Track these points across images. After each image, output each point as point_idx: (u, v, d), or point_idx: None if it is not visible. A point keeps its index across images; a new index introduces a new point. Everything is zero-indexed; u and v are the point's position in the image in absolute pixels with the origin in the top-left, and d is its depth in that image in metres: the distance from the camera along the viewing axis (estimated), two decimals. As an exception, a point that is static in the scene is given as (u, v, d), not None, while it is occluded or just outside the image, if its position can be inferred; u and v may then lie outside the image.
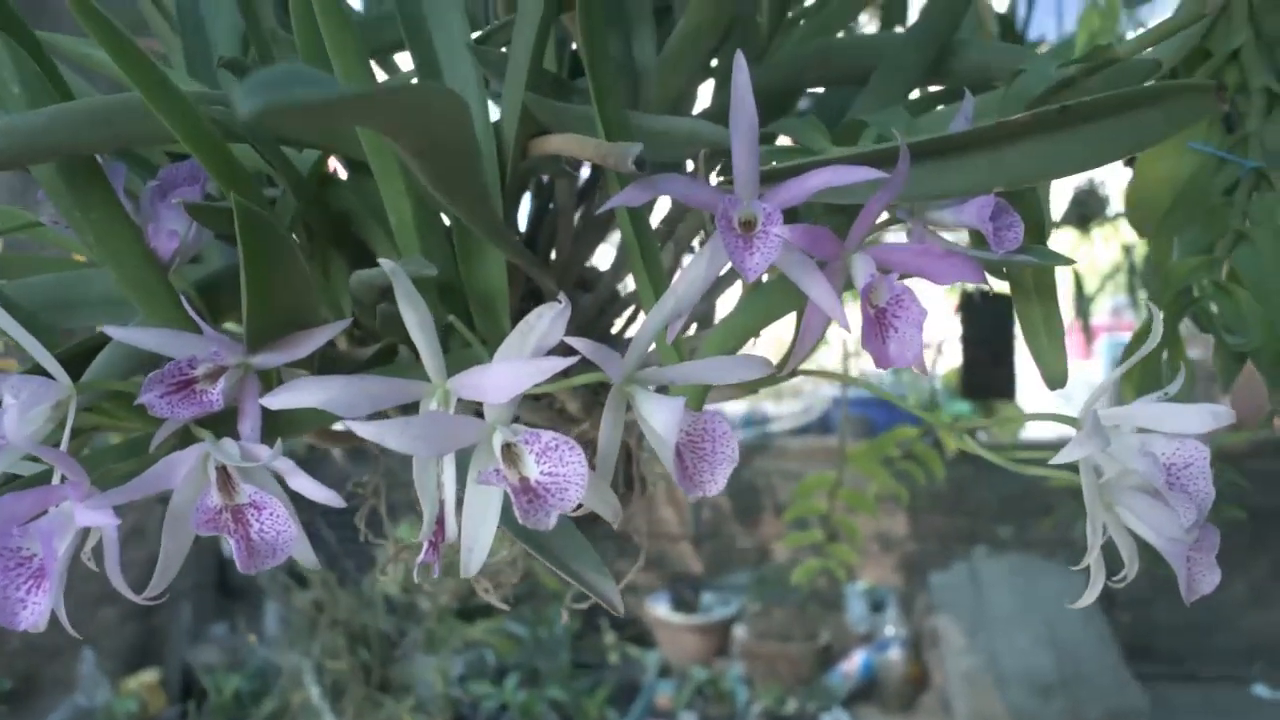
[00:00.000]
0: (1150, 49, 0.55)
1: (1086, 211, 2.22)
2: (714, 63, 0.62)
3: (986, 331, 2.10)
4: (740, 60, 0.36)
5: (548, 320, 0.32)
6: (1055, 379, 0.46)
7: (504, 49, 0.49)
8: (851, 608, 3.38)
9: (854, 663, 3.19)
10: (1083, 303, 2.23)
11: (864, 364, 4.53)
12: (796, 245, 0.35)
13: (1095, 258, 2.49)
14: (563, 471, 0.31)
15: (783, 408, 4.00)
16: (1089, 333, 2.40)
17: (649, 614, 3.56)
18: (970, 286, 2.44)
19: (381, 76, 0.58)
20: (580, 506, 0.69)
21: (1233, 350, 0.50)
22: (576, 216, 0.60)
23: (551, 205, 0.59)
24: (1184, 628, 3.35)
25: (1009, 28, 1.55)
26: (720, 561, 3.71)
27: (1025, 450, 0.74)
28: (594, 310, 0.58)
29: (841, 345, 2.16)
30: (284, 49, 0.51)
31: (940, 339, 2.76)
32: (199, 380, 0.39)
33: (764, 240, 0.34)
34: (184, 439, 0.40)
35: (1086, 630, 2.77)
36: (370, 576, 2.33)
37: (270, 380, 0.42)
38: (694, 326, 0.63)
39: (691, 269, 0.35)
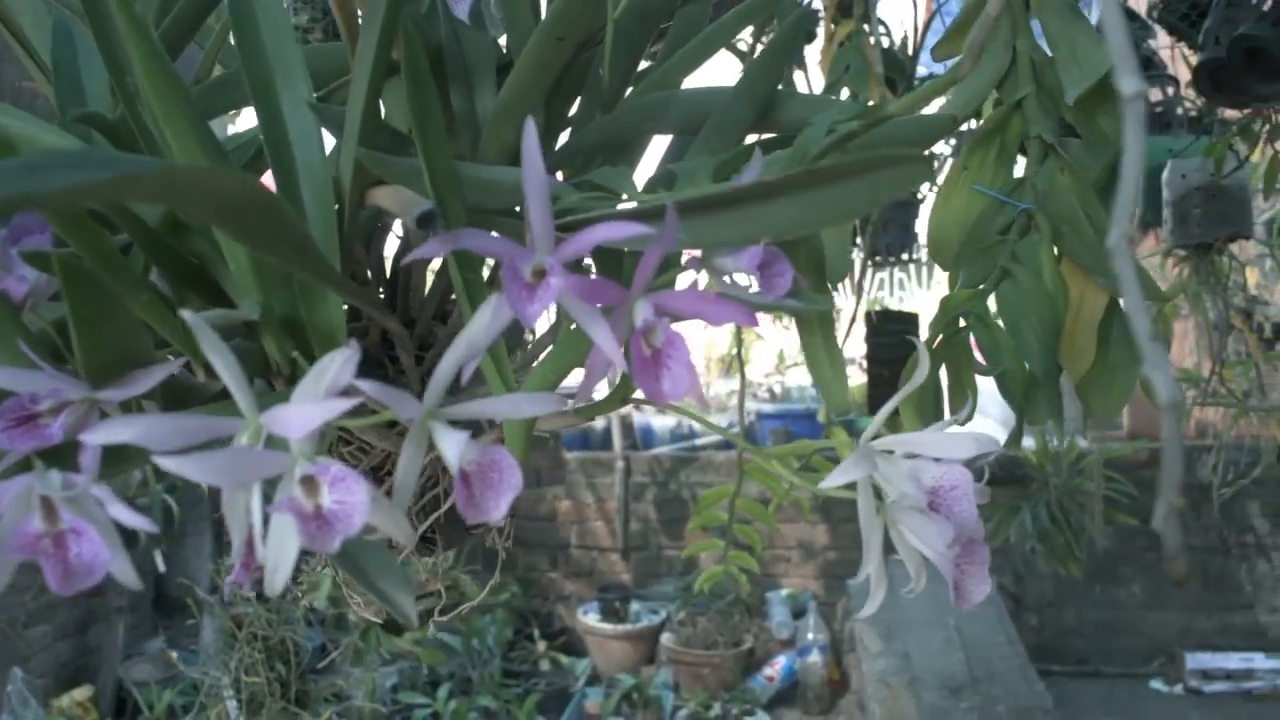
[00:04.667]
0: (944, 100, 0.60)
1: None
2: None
3: (889, 350, 2.17)
4: (530, 125, 0.41)
5: (338, 363, 0.36)
6: (839, 407, 0.51)
7: (344, 105, 0.53)
8: (774, 614, 3.44)
9: (777, 667, 3.26)
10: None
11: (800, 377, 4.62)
12: (576, 294, 0.40)
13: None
14: (350, 500, 0.35)
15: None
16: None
17: (579, 623, 3.60)
18: (876, 307, 2.52)
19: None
20: (480, 527, 0.72)
21: (980, 374, 0.56)
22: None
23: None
24: (1088, 629, 3.47)
25: (897, 67, 1.62)
26: (648, 572, 3.76)
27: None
28: (447, 341, 0.62)
29: (740, 371, 2.21)
30: (145, 105, 0.55)
31: (856, 358, 2.84)
32: (42, 415, 0.42)
33: (544, 290, 0.39)
34: (27, 468, 0.43)
35: (995, 632, 2.86)
36: (291, 592, 2.34)
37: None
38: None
39: (479, 318, 0.40)
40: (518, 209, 0.56)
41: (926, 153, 0.56)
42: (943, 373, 0.64)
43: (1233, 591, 3.50)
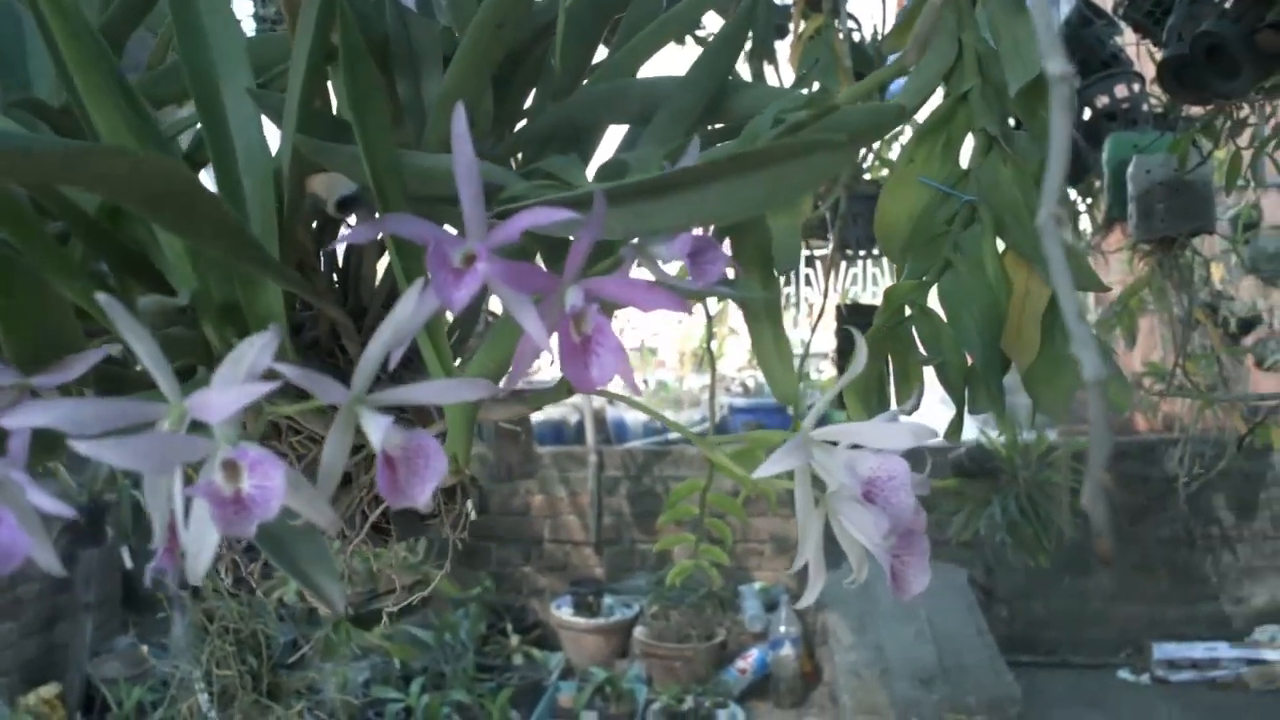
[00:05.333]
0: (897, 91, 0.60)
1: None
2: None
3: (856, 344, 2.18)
4: (459, 110, 0.41)
5: (258, 347, 0.36)
6: (786, 396, 0.51)
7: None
8: (747, 607, 3.46)
9: (749, 660, 3.28)
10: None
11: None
12: (503, 280, 0.40)
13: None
14: (267, 485, 0.35)
15: (681, 416, 4.08)
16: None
17: (552, 617, 3.61)
18: (845, 301, 2.53)
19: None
20: (434, 518, 0.72)
21: (918, 363, 0.56)
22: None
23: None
24: (1057, 620, 3.51)
25: (865, 62, 1.62)
26: (621, 566, 3.77)
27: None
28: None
29: (711, 363, 2.21)
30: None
31: (826, 352, 2.85)
32: (-30, 401, 0.42)
33: (470, 276, 0.39)
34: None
35: (965, 624, 2.89)
36: (263, 585, 2.33)
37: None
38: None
39: (405, 303, 0.39)
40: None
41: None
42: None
43: (1198, 583, 3.54)
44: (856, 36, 1.80)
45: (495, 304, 0.73)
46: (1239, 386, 3.40)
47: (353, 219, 0.51)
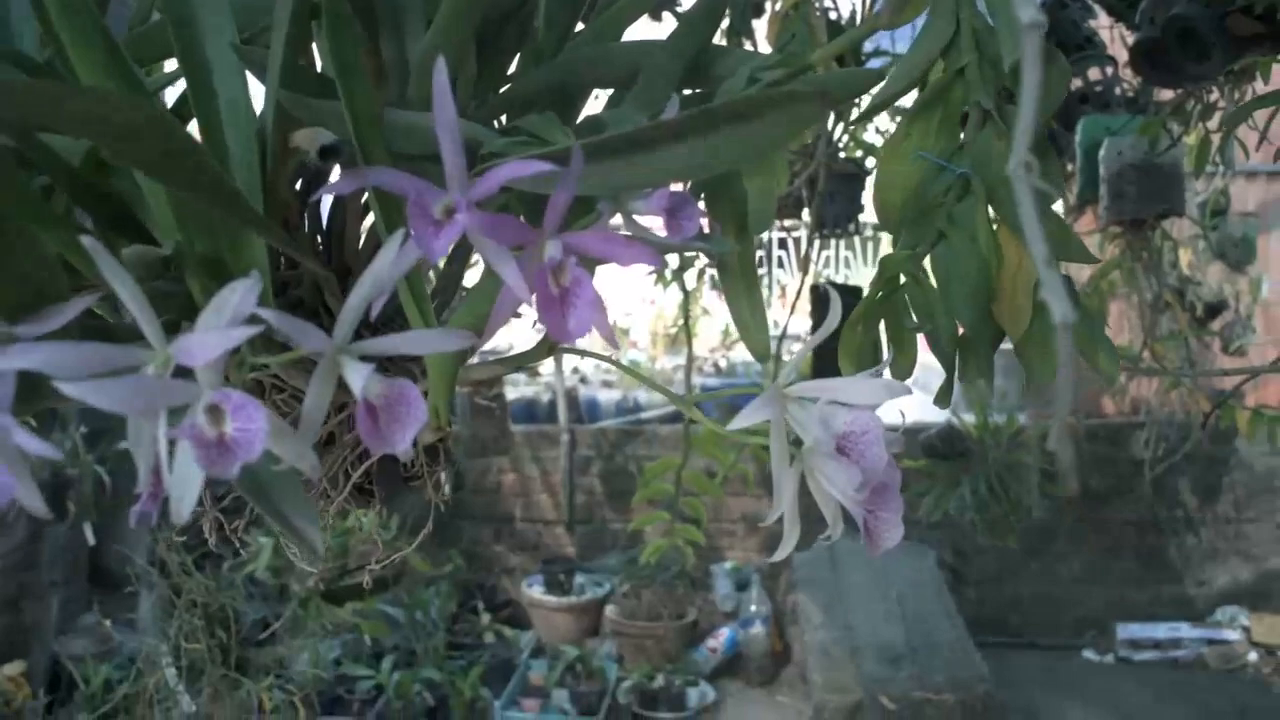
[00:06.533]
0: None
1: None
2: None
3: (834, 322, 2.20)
4: (440, 64, 0.41)
5: (240, 293, 0.36)
6: (759, 351, 0.52)
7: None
8: (718, 587, 3.49)
9: (720, 639, 3.30)
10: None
11: (743, 354, 4.66)
12: (482, 231, 0.40)
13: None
14: (250, 428, 0.35)
15: (654, 397, 4.09)
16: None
17: (524, 595, 3.62)
18: (821, 280, 2.55)
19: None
20: (416, 479, 0.72)
21: (910, 330, 0.57)
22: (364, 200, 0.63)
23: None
24: (1025, 602, 3.56)
25: (840, 36, 1.63)
26: (593, 544, 3.79)
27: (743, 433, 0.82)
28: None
29: (688, 338, 2.22)
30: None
31: (802, 333, 2.87)
32: (-49, 349, 0.42)
33: (449, 227, 0.39)
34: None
35: (934, 604, 2.92)
36: (231, 561, 2.32)
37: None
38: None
39: (385, 253, 0.40)
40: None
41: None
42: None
43: (1163, 565, 3.60)
44: (834, 15, 1.81)
45: (469, 280, 0.73)
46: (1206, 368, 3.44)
47: (335, 171, 0.51)
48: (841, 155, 2.07)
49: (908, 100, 0.70)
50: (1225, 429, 3.02)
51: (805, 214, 2.11)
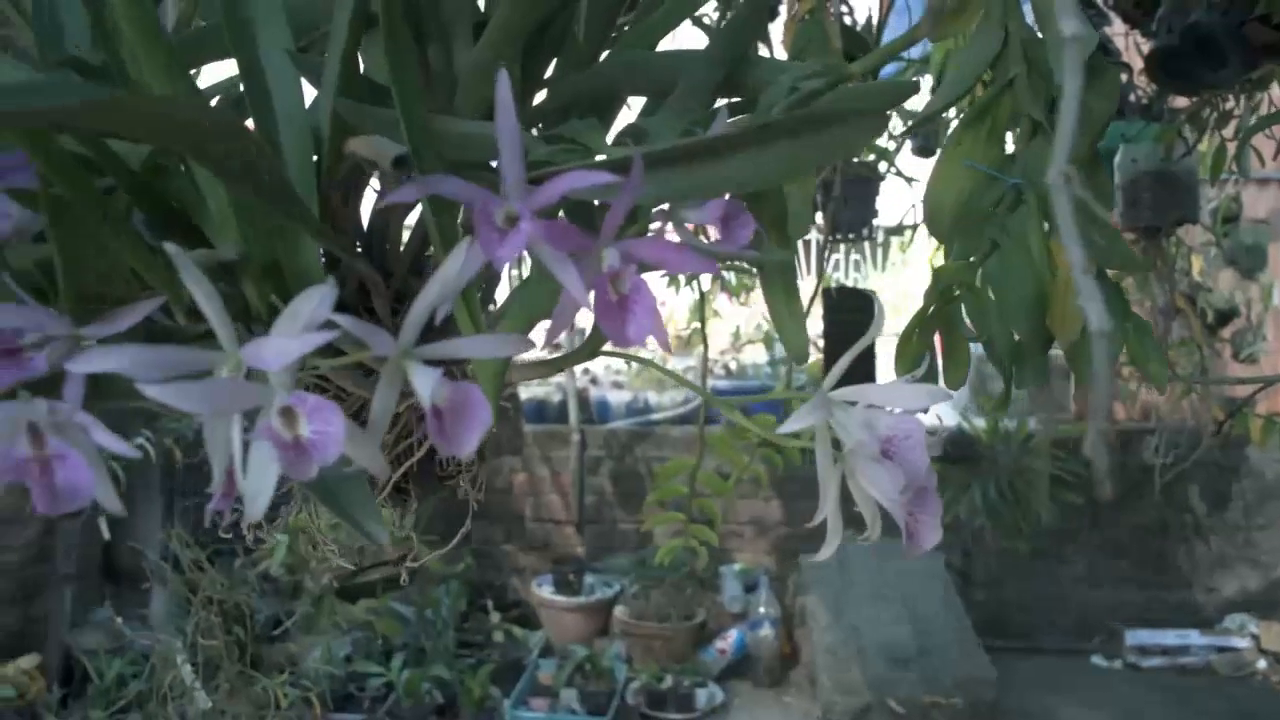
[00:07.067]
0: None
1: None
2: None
3: (846, 327, 2.21)
4: (503, 77, 0.42)
5: (315, 300, 0.38)
6: (797, 354, 0.53)
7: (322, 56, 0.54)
8: (727, 588, 3.49)
9: (729, 640, 3.31)
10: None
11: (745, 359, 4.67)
12: (545, 239, 0.41)
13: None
14: (327, 430, 0.37)
15: (665, 398, 4.10)
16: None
17: (533, 595, 3.63)
18: (831, 284, 2.55)
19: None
20: (450, 479, 0.73)
21: (966, 339, 0.59)
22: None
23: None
24: (1031, 605, 3.56)
25: (858, 44, 1.64)
26: (603, 545, 3.79)
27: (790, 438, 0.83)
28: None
29: (704, 341, 2.23)
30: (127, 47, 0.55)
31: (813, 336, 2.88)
32: (25, 349, 0.43)
33: (515, 235, 0.40)
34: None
35: (942, 607, 2.93)
36: (244, 558, 2.34)
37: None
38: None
39: (452, 261, 0.41)
40: (492, 163, 0.57)
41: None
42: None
43: (1171, 571, 3.60)
44: (849, 20, 1.82)
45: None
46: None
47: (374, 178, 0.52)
48: (855, 160, 2.08)
49: (916, 104, 0.72)
50: (1236, 436, 3.03)
51: (819, 218, 2.12)
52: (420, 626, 3.17)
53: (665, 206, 0.49)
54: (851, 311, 2.37)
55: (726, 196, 0.46)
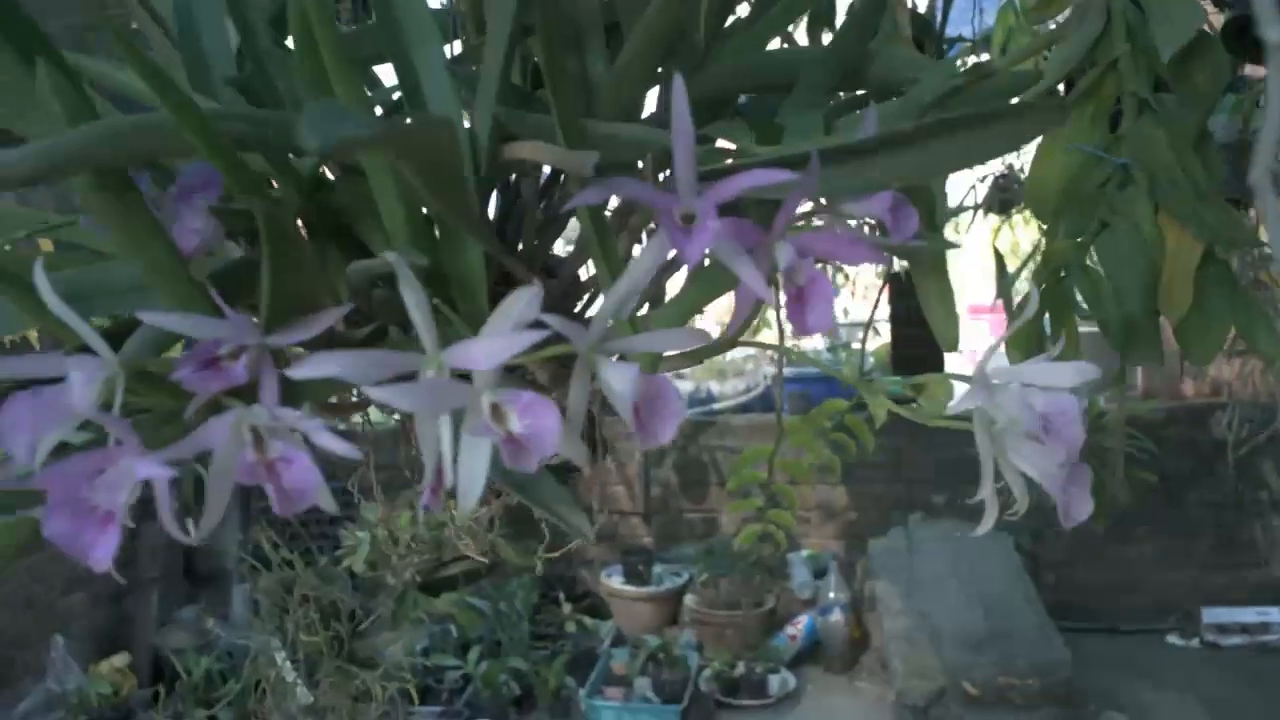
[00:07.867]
0: (1040, 59, 0.63)
1: (1008, 197, 2.33)
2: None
3: (914, 311, 2.21)
4: (679, 82, 0.44)
5: (525, 300, 0.39)
6: (949, 343, 0.54)
7: (474, 67, 0.56)
8: (795, 575, 3.50)
9: (799, 627, 3.32)
10: (1004, 283, 2.34)
11: (801, 344, 4.66)
12: (727, 236, 0.43)
13: (1017, 240, 2.61)
14: (541, 425, 0.38)
15: (726, 387, 4.11)
16: (1010, 311, 2.52)
17: (603, 586, 3.66)
18: (898, 269, 2.55)
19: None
20: (576, 471, 0.76)
21: (1082, 318, 0.59)
22: (539, 211, 0.67)
23: (518, 201, 0.66)
24: (1103, 587, 3.53)
25: (925, 28, 1.63)
26: (669, 534, 3.82)
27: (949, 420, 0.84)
28: (558, 293, 0.65)
29: (779, 327, 2.24)
30: (277, 65, 0.58)
31: (874, 319, 2.87)
32: (223, 358, 0.46)
33: (701, 232, 0.42)
34: (210, 409, 0.47)
35: (1013, 589, 2.91)
36: (329, 555, 2.39)
37: (282, 358, 0.48)
38: (646, 306, 0.70)
39: (643, 258, 0.43)
40: (638, 164, 0.59)
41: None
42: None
43: (1246, 548, 3.55)
44: (911, 3, 1.81)
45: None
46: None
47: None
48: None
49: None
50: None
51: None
52: (495, 619, 3.21)
53: (821, 202, 0.50)
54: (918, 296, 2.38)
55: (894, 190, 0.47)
